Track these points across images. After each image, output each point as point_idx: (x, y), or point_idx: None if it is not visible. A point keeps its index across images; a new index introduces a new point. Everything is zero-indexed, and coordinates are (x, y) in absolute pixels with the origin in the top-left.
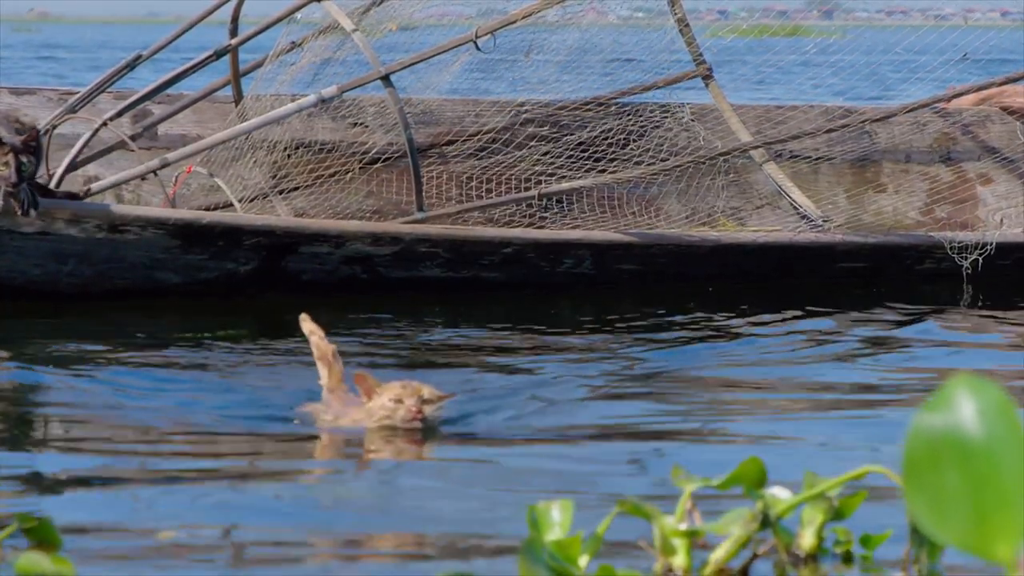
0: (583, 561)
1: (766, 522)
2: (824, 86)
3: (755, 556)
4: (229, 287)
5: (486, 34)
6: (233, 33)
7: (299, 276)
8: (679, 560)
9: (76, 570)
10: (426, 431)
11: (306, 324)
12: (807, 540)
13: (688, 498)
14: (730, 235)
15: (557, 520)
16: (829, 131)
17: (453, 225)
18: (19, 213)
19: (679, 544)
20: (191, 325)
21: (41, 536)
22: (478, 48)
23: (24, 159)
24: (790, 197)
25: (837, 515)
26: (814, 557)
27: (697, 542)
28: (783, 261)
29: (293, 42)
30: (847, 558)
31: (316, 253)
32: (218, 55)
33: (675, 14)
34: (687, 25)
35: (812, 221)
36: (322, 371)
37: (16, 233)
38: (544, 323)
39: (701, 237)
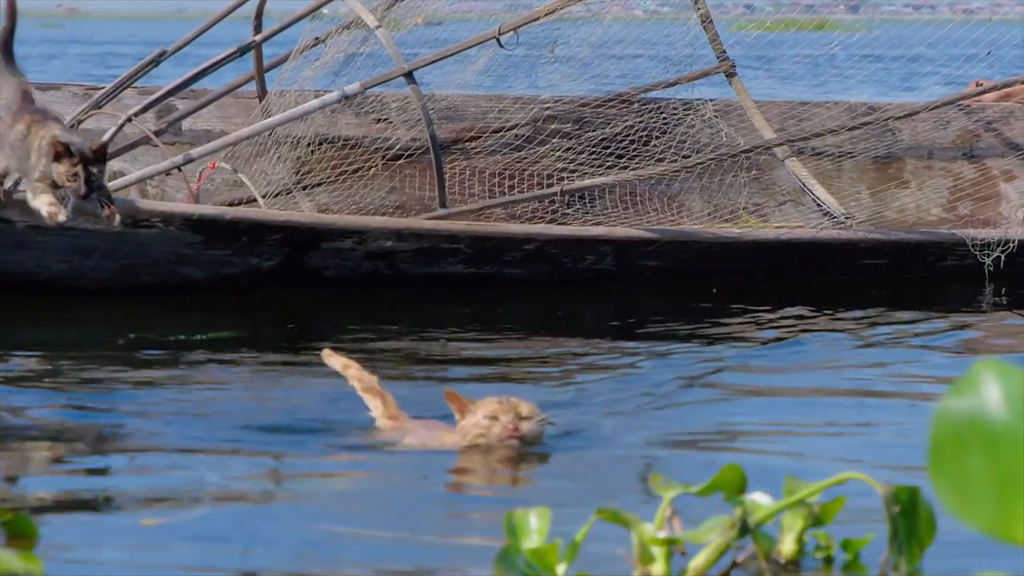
0: (560, 569)
1: (746, 529)
2: (849, 80)
3: (735, 563)
4: (252, 283)
5: (509, 31)
6: (257, 29)
7: (322, 272)
8: (657, 568)
9: (44, 567)
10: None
11: (334, 360)
12: (787, 546)
13: (668, 505)
14: (752, 232)
15: (535, 527)
16: (852, 128)
17: (475, 221)
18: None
19: (658, 552)
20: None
21: (17, 529)
22: (501, 45)
23: (94, 170)
24: (813, 194)
25: (818, 521)
26: (795, 563)
27: (677, 550)
28: (805, 258)
29: (317, 38)
30: (828, 563)
31: (339, 249)
32: (242, 52)
33: (698, 10)
34: (710, 21)
35: (835, 218)
36: (372, 402)
37: (40, 228)
38: (566, 322)
39: (723, 234)
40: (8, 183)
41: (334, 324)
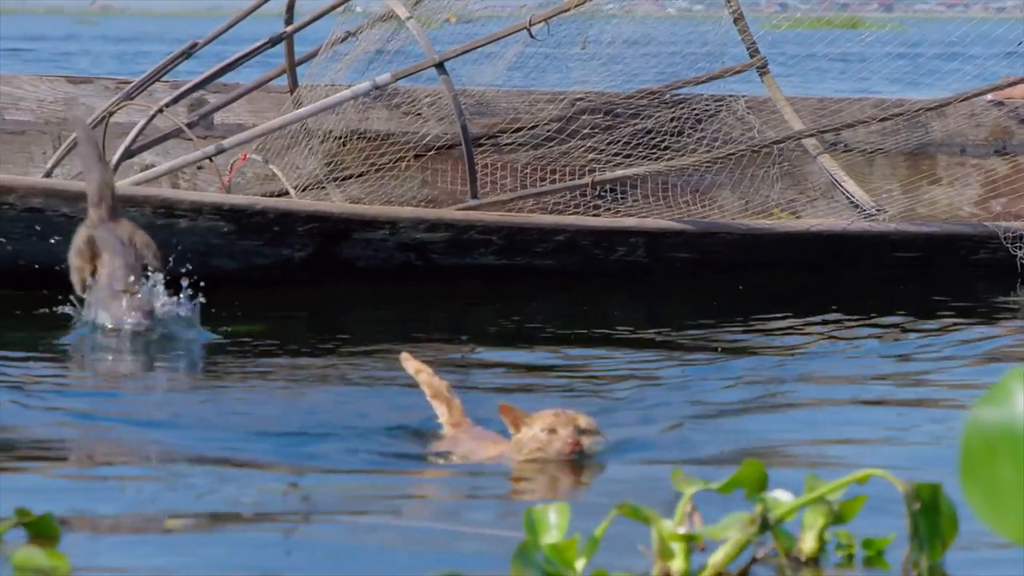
0: (580, 564)
1: (766, 525)
2: (881, 80)
3: (755, 560)
4: (284, 274)
5: (540, 22)
6: (288, 21)
7: (354, 263)
8: (677, 564)
9: (70, 563)
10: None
11: (410, 363)
12: (808, 543)
13: (688, 501)
14: (784, 223)
15: (554, 523)
16: (883, 119)
17: (507, 212)
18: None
19: (677, 548)
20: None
21: (40, 530)
22: (532, 36)
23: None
24: (844, 188)
25: (838, 518)
26: (815, 561)
27: (697, 546)
28: (836, 250)
29: (348, 32)
30: (848, 561)
31: (370, 239)
32: (273, 42)
33: (730, 8)
34: (742, 18)
35: (865, 211)
36: (440, 409)
37: (70, 218)
38: (597, 316)
39: (755, 225)
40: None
41: (365, 317)
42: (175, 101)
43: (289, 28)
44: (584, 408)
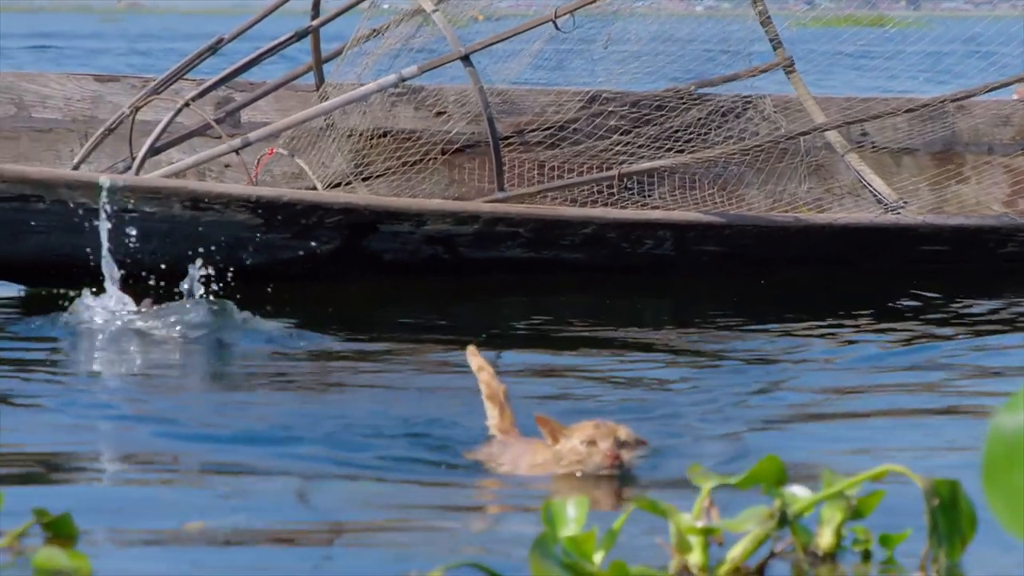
0: (598, 557)
1: (784, 520)
2: (906, 76)
3: (772, 554)
4: (311, 267)
5: (565, 14)
6: (315, 17)
7: (381, 256)
8: (695, 558)
9: (91, 564)
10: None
11: (475, 359)
12: (825, 539)
13: (706, 495)
14: (812, 217)
15: (572, 516)
16: (909, 111)
17: (533, 204)
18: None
19: (695, 542)
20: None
21: (59, 530)
22: (557, 28)
23: None
24: (871, 186)
25: (856, 514)
26: (832, 556)
27: (715, 540)
28: (863, 244)
29: (374, 29)
30: (866, 557)
31: (397, 232)
32: (299, 36)
33: (756, 7)
34: (768, 18)
35: (888, 204)
36: (492, 412)
37: (97, 211)
38: (624, 311)
39: (782, 218)
40: None
41: (393, 312)
42: (201, 95)
43: (315, 22)
44: (607, 404)
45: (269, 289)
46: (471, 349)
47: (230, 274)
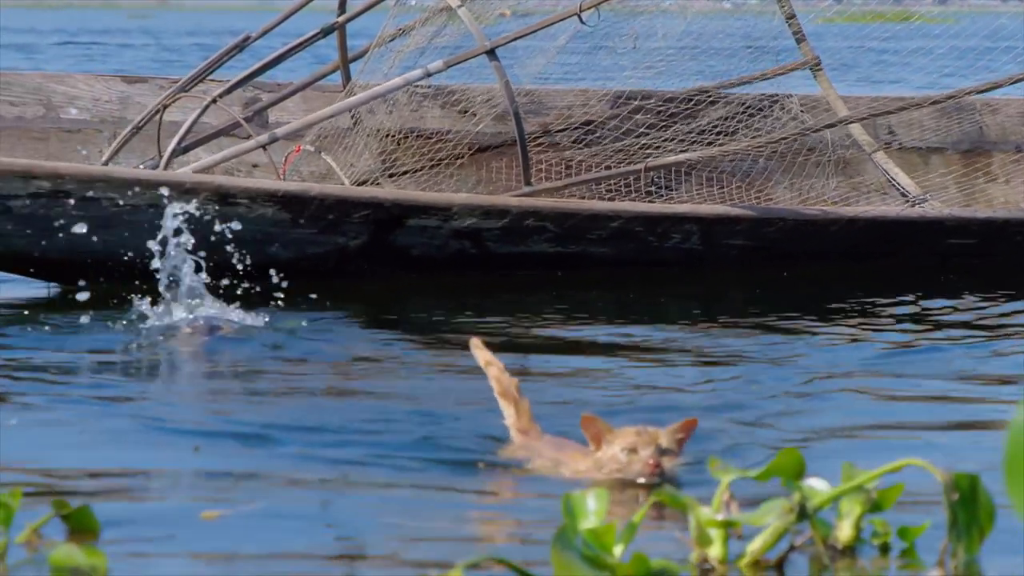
0: (618, 550)
1: (803, 514)
2: (935, 74)
3: (792, 548)
4: (339, 262)
5: (590, 7)
6: (341, 13)
7: (408, 251)
8: (715, 551)
9: (108, 562)
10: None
11: (481, 353)
12: (845, 532)
13: (725, 488)
14: (839, 210)
15: (592, 509)
16: (934, 103)
17: (560, 199)
18: None
19: (715, 535)
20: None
21: (79, 523)
22: (582, 22)
23: None
24: (895, 181)
25: (876, 507)
26: (851, 549)
27: (735, 533)
28: (890, 237)
29: (400, 28)
30: (885, 550)
31: (425, 227)
32: (325, 33)
33: (782, 7)
34: (794, 17)
35: (912, 197)
36: (507, 409)
37: (129, 207)
38: (651, 308)
39: (809, 211)
40: None
41: (420, 306)
42: (228, 92)
43: (341, 19)
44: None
45: (286, 285)
46: (475, 342)
47: (257, 271)
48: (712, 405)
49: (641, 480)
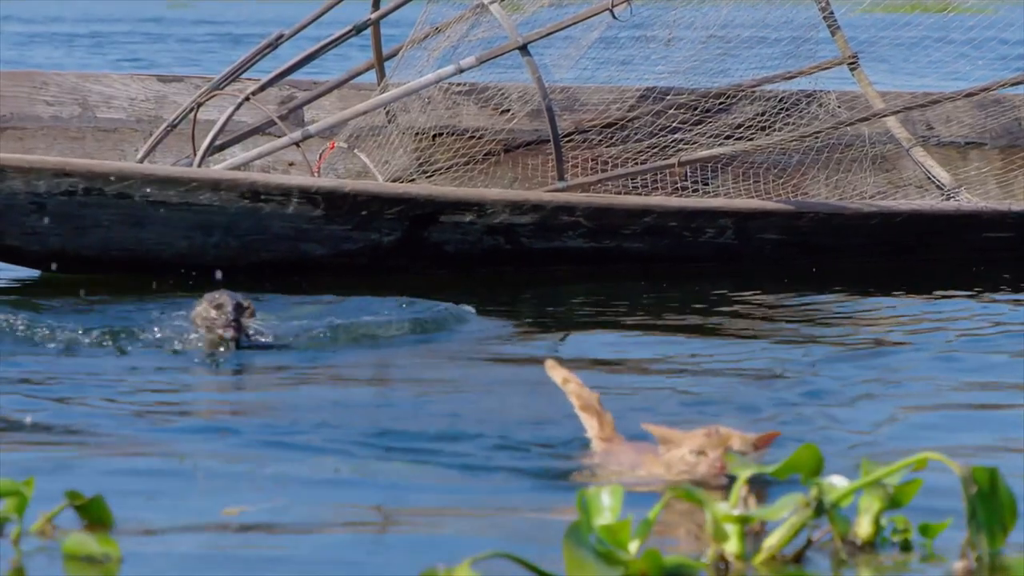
0: (633, 546)
1: (821, 509)
2: (972, 66)
3: (810, 543)
4: (373, 258)
5: (623, 2)
6: (375, 7)
7: (442, 247)
8: (731, 546)
9: (121, 551)
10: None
11: (557, 372)
12: (864, 528)
13: (743, 484)
14: (874, 203)
15: (607, 505)
16: (969, 95)
17: (594, 194)
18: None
19: (732, 530)
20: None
21: (92, 514)
22: (614, 16)
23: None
24: (930, 173)
25: (894, 503)
26: (871, 545)
27: (752, 529)
28: (926, 230)
29: (435, 27)
30: (905, 546)
31: (458, 223)
32: (358, 29)
33: (818, 2)
34: (831, 13)
35: (946, 189)
36: (589, 422)
37: (162, 204)
38: (686, 304)
39: (843, 204)
40: None
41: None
42: (261, 89)
43: (374, 16)
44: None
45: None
46: (550, 363)
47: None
48: (729, 399)
49: (710, 481)
